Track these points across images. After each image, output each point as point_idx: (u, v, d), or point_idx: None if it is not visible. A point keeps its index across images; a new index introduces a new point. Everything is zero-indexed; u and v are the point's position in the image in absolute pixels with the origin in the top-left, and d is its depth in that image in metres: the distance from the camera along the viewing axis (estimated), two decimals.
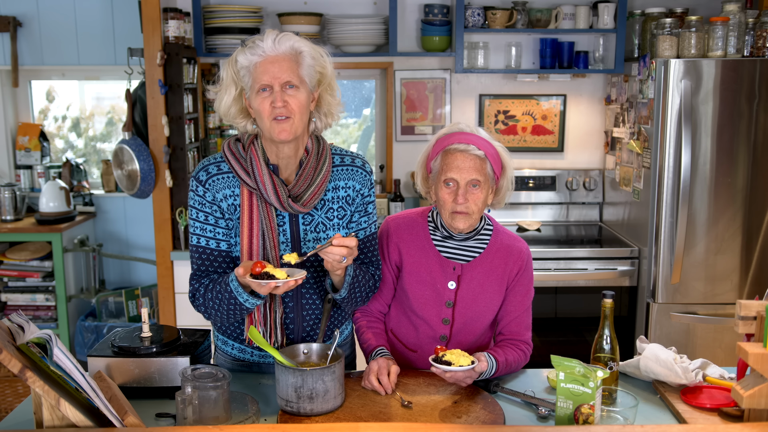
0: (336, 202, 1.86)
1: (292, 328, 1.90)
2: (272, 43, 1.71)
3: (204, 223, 1.82)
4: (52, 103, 4.38)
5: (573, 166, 4.00)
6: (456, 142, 1.88)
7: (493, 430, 1.59)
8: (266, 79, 1.70)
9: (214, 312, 1.82)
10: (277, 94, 1.70)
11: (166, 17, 3.39)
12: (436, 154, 1.92)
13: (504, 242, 2.00)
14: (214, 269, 1.84)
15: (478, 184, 1.87)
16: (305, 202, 1.78)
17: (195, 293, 1.85)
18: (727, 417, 1.68)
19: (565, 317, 3.57)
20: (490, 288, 1.96)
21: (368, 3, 3.86)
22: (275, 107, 1.70)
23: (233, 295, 1.73)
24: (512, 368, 1.93)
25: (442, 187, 1.89)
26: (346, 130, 4.33)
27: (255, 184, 1.77)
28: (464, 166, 1.85)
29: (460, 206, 1.87)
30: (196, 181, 1.82)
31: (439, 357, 1.75)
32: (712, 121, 3.11)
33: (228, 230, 1.83)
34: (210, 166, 1.82)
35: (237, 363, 2.01)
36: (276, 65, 1.70)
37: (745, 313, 1.59)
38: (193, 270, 1.87)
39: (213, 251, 1.83)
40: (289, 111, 1.72)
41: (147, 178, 3.41)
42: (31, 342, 1.57)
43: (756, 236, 3.20)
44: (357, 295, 1.86)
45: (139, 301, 4.12)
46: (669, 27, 3.21)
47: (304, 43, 1.76)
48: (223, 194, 1.80)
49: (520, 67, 3.83)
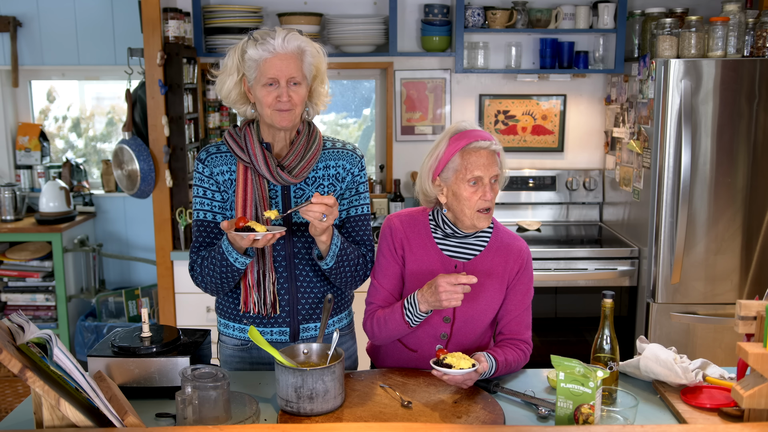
0: (327, 179, 2.00)
1: (287, 299, 1.98)
2: (282, 41, 1.86)
3: (202, 197, 1.99)
4: (53, 104, 4.38)
5: (573, 166, 4.00)
6: (475, 140, 1.89)
7: (493, 430, 1.59)
8: (274, 73, 1.86)
9: (209, 279, 1.94)
10: (283, 89, 1.87)
11: (166, 17, 3.39)
12: (452, 154, 1.90)
13: (504, 241, 2.01)
14: (210, 240, 2.00)
15: (496, 179, 1.91)
16: (296, 174, 1.93)
17: (193, 264, 1.99)
18: (727, 417, 1.68)
19: (565, 317, 3.57)
20: (490, 286, 1.96)
21: (368, 3, 3.86)
22: (280, 101, 1.87)
23: (224, 256, 1.86)
24: (512, 368, 1.93)
25: (466, 186, 1.89)
26: (346, 130, 4.34)
27: (248, 158, 1.92)
28: (488, 163, 1.88)
29: (489, 202, 1.89)
30: (198, 160, 2.01)
31: (440, 360, 1.76)
32: (712, 121, 3.11)
33: (224, 203, 1.99)
34: (210, 147, 2.03)
35: (238, 349, 2.07)
36: (284, 62, 1.86)
37: (745, 313, 1.59)
38: (192, 243, 2.02)
39: (209, 223, 1.99)
40: (292, 104, 1.89)
41: (147, 178, 3.41)
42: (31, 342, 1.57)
43: (756, 236, 3.20)
44: (345, 267, 1.95)
45: (139, 301, 4.12)
46: (669, 27, 3.21)
47: (307, 42, 1.92)
48: (219, 170, 1.97)
49: (520, 67, 3.83)
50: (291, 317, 2.00)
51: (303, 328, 2.02)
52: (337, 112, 4.28)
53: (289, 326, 2.01)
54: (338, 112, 4.28)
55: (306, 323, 2.02)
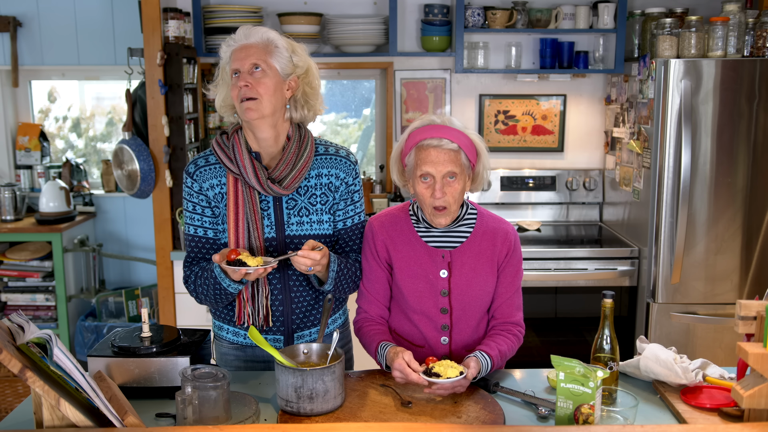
0: (319, 189, 1.97)
1: (281, 310, 1.98)
2: (243, 32, 1.88)
3: (192, 212, 1.96)
4: (53, 104, 4.38)
5: (573, 166, 4.00)
6: (429, 137, 1.87)
7: (493, 430, 1.59)
8: (236, 63, 1.86)
9: (204, 297, 1.95)
10: (243, 75, 1.84)
11: (166, 17, 3.39)
12: (410, 149, 1.92)
13: (490, 225, 2.00)
14: (202, 255, 1.99)
15: (454, 175, 1.88)
16: (286, 185, 1.90)
17: (187, 279, 1.99)
18: (727, 417, 1.68)
19: (565, 317, 3.57)
20: (482, 271, 1.97)
21: (368, 3, 3.86)
22: (241, 87, 1.84)
23: (217, 281, 1.86)
24: (508, 356, 1.95)
25: (419, 182, 1.90)
26: (346, 130, 4.34)
27: (237, 169, 1.89)
28: (439, 160, 1.86)
29: (439, 201, 1.88)
30: (186, 174, 1.97)
31: (429, 369, 1.75)
32: (712, 121, 3.11)
33: (214, 218, 1.96)
34: (199, 159, 1.97)
35: (234, 347, 2.07)
36: (245, 51, 1.86)
37: (745, 313, 1.59)
38: (185, 256, 2.02)
39: (201, 238, 1.97)
40: (254, 92, 1.84)
41: (147, 178, 3.41)
42: (31, 342, 1.57)
43: (756, 236, 3.20)
44: (344, 285, 1.98)
45: (139, 301, 4.12)
46: (669, 27, 3.21)
47: (278, 37, 1.90)
48: (209, 184, 1.94)
49: (520, 67, 3.83)
50: (285, 326, 2.01)
51: (297, 336, 2.03)
52: (337, 112, 4.28)
53: (283, 334, 2.02)
54: (338, 112, 4.28)
55: (300, 331, 2.03)
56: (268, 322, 1.97)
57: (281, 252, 1.94)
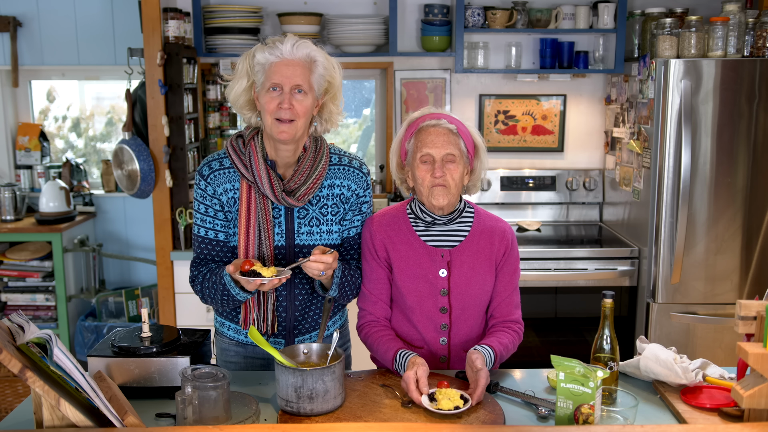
0: (330, 199, 1.97)
1: (284, 316, 2.00)
2: (291, 47, 1.83)
3: (204, 214, 1.95)
4: (53, 104, 4.38)
5: (573, 166, 4.00)
6: (427, 119, 1.94)
7: (493, 430, 1.59)
8: (278, 78, 1.82)
9: (210, 299, 1.95)
10: (286, 96, 1.82)
11: (166, 17, 3.39)
12: (410, 136, 1.96)
13: (487, 224, 2.02)
14: (212, 257, 1.98)
15: (453, 159, 1.91)
16: (299, 197, 1.90)
17: (194, 279, 1.98)
18: (727, 417, 1.68)
19: (565, 317, 3.57)
20: (480, 270, 1.97)
21: (368, 3, 3.86)
22: (281, 108, 1.82)
23: (227, 288, 1.86)
24: (510, 350, 1.95)
25: (419, 165, 1.92)
26: (346, 130, 4.34)
27: (252, 178, 1.88)
28: (438, 141, 1.90)
29: (439, 179, 1.89)
30: (200, 175, 1.95)
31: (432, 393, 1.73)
32: (712, 121, 3.11)
33: (227, 222, 1.95)
34: (213, 161, 1.95)
35: (235, 344, 2.08)
36: (290, 68, 1.82)
37: (745, 313, 1.59)
38: (194, 256, 2.02)
39: (212, 241, 1.96)
40: (293, 114, 1.83)
41: (147, 178, 3.41)
42: (31, 342, 1.57)
43: (756, 236, 3.20)
44: (348, 291, 1.99)
45: (139, 301, 4.12)
46: (669, 27, 3.21)
47: (320, 53, 1.88)
48: (223, 188, 1.92)
49: (520, 67, 3.83)
50: (287, 331, 2.03)
51: (298, 341, 2.04)
52: None
53: (284, 338, 2.03)
54: None
55: (301, 335, 2.05)
56: (274, 329, 1.98)
57: (289, 260, 1.94)
